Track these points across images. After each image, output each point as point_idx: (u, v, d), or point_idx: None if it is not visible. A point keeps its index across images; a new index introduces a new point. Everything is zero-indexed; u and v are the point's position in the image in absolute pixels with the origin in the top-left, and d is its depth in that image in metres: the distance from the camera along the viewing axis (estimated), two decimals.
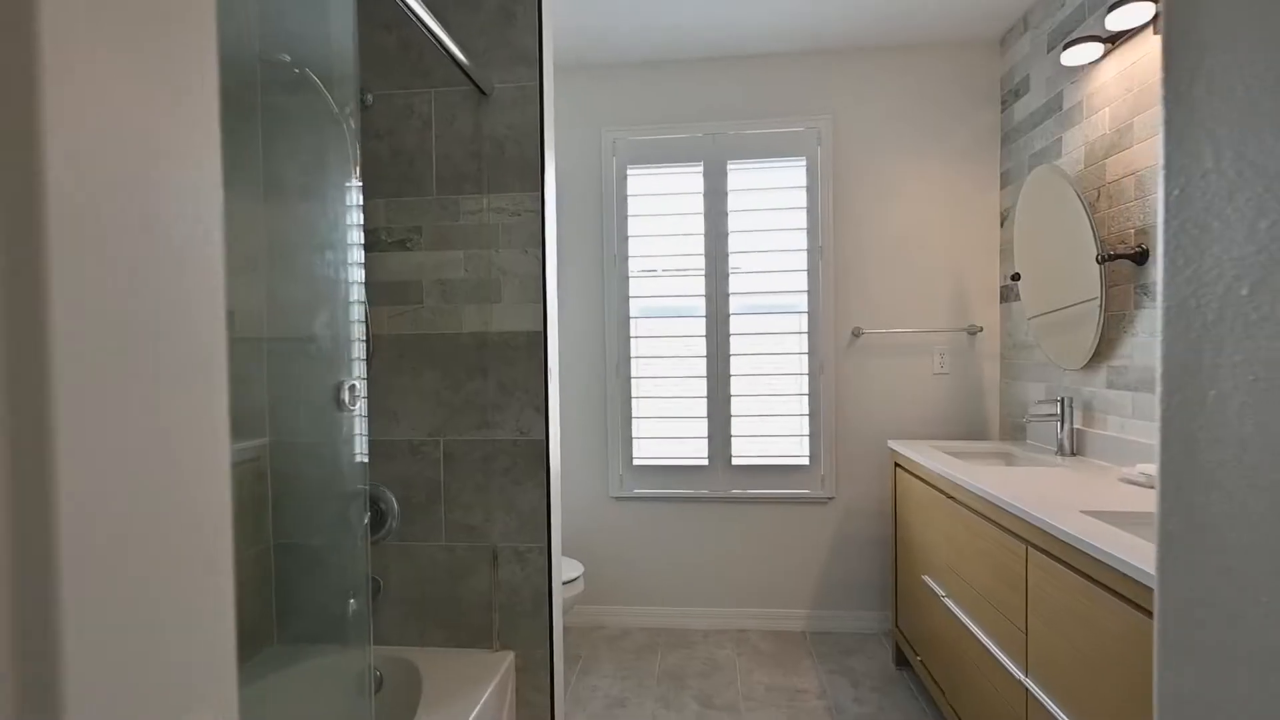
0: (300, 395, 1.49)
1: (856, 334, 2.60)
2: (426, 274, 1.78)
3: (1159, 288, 0.35)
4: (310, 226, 1.48)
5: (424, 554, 1.78)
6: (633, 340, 2.71)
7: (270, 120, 1.52)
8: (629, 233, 2.70)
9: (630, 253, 2.71)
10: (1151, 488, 1.49)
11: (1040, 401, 1.98)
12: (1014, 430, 2.41)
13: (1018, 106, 2.34)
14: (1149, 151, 1.64)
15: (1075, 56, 1.78)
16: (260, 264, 1.49)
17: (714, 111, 2.66)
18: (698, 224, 2.66)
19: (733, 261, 2.65)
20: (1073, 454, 1.95)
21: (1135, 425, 1.71)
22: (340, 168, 1.34)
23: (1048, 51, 2.12)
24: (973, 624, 1.58)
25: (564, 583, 2.19)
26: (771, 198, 2.64)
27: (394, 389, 1.79)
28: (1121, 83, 1.74)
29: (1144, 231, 1.66)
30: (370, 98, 1.79)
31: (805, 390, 2.62)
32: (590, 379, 2.74)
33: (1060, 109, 2.05)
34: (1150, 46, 1.62)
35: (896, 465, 2.31)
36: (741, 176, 2.65)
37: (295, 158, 1.51)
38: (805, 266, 2.62)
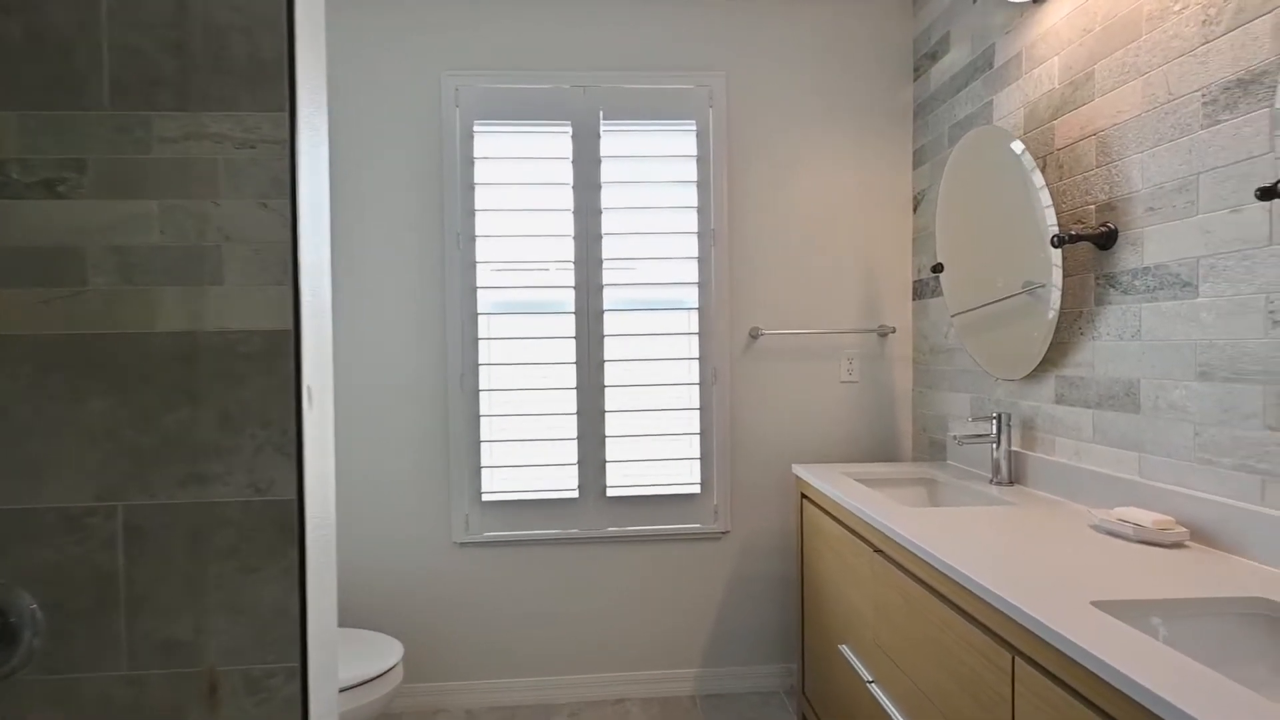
0: None
1: (754, 335, 2.17)
2: (93, 237, 1.09)
3: None
4: None
5: (90, 692, 1.09)
6: (482, 343, 2.11)
7: None
8: (476, 206, 2.10)
9: (478, 232, 2.11)
10: (1142, 543, 1.12)
11: (974, 419, 1.63)
12: (930, 449, 2.07)
13: (934, 71, 2.01)
14: (1118, 103, 1.29)
15: None
16: None
17: (585, 58, 2.13)
18: (565, 198, 2.12)
19: (608, 246, 2.13)
20: (1010, 483, 1.60)
21: (1096, 452, 1.36)
22: None
23: (974, 1, 1.78)
24: None
25: (366, 682, 1.57)
26: (655, 169, 2.15)
27: (35, 425, 1.08)
28: (1077, 22, 1.39)
29: (1110, 207, 1.31)
30: None
31: (695, 404, 2.15)
32: (426, 394, 2.11)
33: (990, 67, 1.71)
34: None
35: (804, 497, 1.89)
36: (619, 141, 2.14)
37: None
38: (696, 253, 2.15)
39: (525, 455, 2.12)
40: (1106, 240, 1.31)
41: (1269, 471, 1.02)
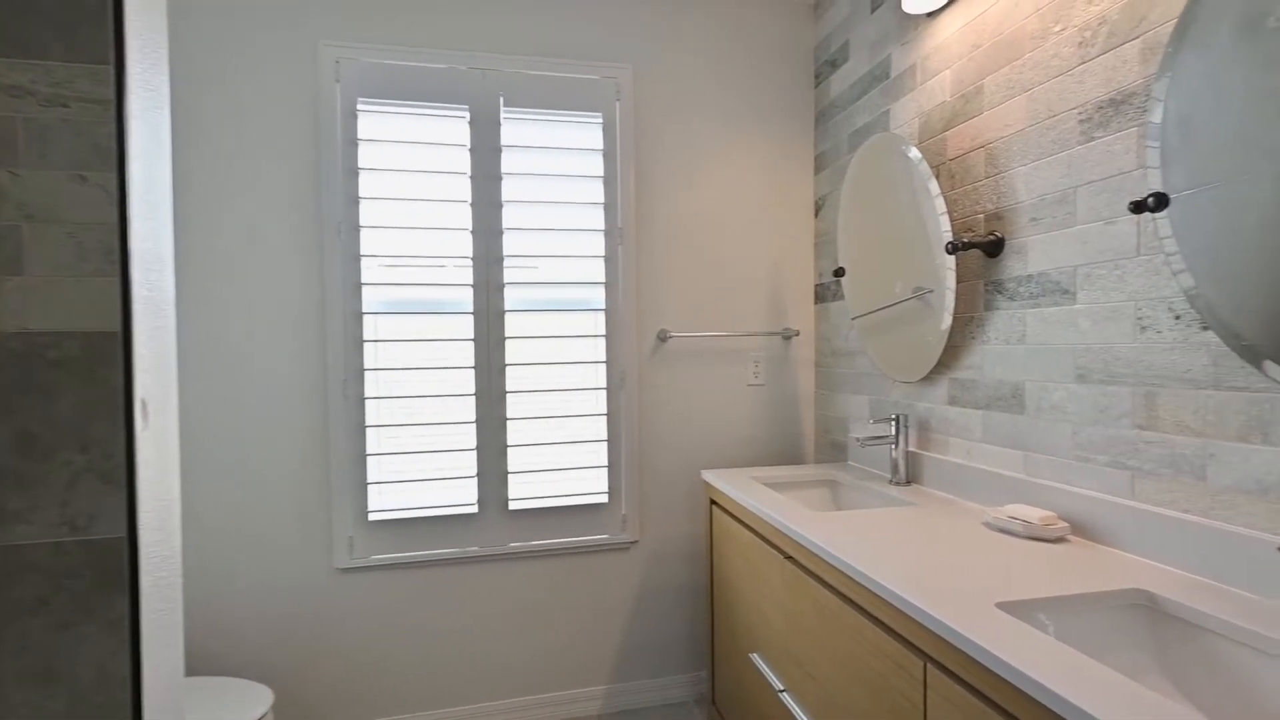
0: None
1: (663, 337, 2.13)
2: None
3: None
4: None
5: None
6: (368, 346, 1.92)
7: None
8: (360, 193, 1.91)
9: (363, 222, 1.92)
10: (1030, 539, 1.18)
11: (874, 421, 1.67)
12: (832, 450, 2.12)
13: (835, 79, 2.06)
14: (1004, 117, 1.35)
15: (918, 1, 1.47)
16: None
17: (484, 39, 1.99)
18: (462, 188, 1.97)
19: (509, 242, 2.01)
20: (908, 483, 1.65)
21: (986, 452, 1.43)
22: None
23: (871, 11, 1.84)
24: None
25: None
26: (560, 161, 2.05)
27: None
28: (967, 38, 1.46)
29: (998, 216, 1.38)
30: None
31: (603, 409, 2.08)
32: (301, 404, 1.89)
33: (887, 77, 1.77)
34: None
35: (713, 503, 1.87)
36: (521, 130, 2.02)
37: None
38: (603, 252, 2.07)
39: (419, 469, 1.96)
40: (995, 248, 1.37)
41: (1138, 468, 1.10)
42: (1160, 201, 0.97)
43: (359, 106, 1.91)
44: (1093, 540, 1.16)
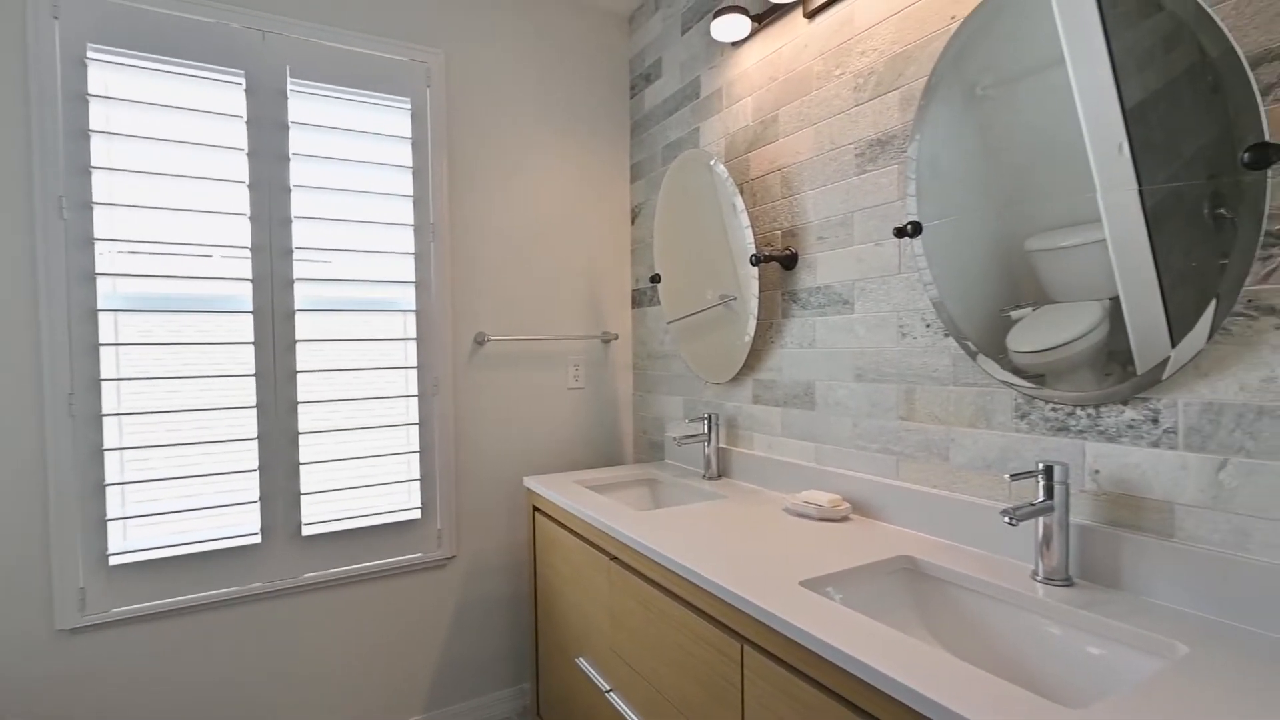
0: None
1: (480, 341, 2.04)
2: None
3: None
4: None
5: None
6: (105, 351, 1.56)
7: None
8: (92, 162, 1.54)
9: (97, 198, 1.55)
10: (822, 520, 1.32)
11: (689, 420, 1.76)
12: (650, 449, 2.20)
13: (649, 92, 2.14)
14: (796, 145, 1.51)
15: (725, 29, 1.58)
16: None
17: None
18: (238, 167, 1.69)
19: (301, 233, 1.77)
20: (719, 477, 1.77)
21: (785, 445, 1.58)
22: None
23: (682, 34, 1.94)
24: None
25: None
26: (364, 147, 1.85)
27: None
28: (765, 70, 1.60)
29: (793, 233, 1.53)
30: None
31: (414, 418, 1.92)
32: (8, 427, 1.47)
33: (697, 96, 1.88)
34: (799, 31, 1.50)
35: (536, 509, 1.83)
36: (313, 107, 1.79)
37: None
38: (413, 249, 1.92)
39: (181, 497, 1.63)
40: (790, 262, 1.53)
41: (901, 453, 1.30)
42: (916, 229, 1.16)
43: (89, 54, 1.54)
44: (869, 517, 1.34)
